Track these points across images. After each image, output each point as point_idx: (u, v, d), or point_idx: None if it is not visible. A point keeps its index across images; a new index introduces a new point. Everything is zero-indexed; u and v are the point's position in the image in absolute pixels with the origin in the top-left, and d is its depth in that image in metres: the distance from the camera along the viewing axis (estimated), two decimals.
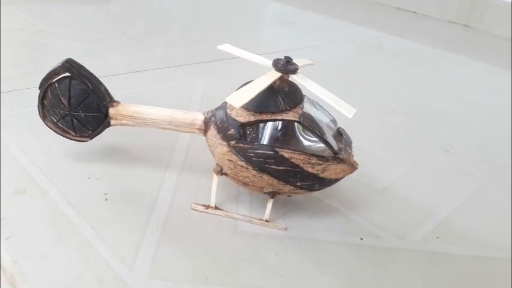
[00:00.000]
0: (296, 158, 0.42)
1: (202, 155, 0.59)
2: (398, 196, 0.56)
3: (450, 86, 1.02)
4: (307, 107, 0.45)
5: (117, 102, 0.49)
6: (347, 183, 0.56)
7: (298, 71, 0.44)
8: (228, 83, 0.76)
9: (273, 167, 0.43)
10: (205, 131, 0.48)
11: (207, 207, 0.48)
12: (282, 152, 0.42)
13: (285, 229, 0.47)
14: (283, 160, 0.42)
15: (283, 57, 0.43)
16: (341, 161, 0.44)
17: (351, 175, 0.46)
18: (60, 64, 0.46)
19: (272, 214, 0.48)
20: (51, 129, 0.50)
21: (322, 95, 0.42)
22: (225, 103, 0.47)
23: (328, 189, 0.54)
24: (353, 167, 0.46)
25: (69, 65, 0.46)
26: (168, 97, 0.74)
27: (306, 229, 0.48)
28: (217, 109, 0.47)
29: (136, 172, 0.53)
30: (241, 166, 0.44)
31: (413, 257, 0.46)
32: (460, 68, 1.19)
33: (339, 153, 0.44)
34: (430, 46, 1.35)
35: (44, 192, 0.48)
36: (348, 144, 0.47)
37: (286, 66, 0.43)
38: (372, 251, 0.46)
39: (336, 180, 0.46)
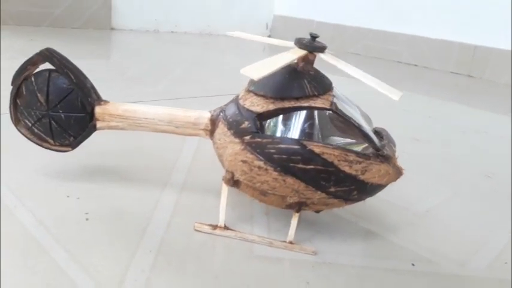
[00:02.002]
0: (329, 153, 0.33)
1: (207, 175, 0.50)
2: (443, 220, 0.47)
3: (464, 124, 0.95)
4: (337, 99, 0.37)
5: (105, 101, 0.40)
6: (382, 205, 0.47)
7: (326, 50, 0.36)
8: None
9: (300, 165, 0.34)
10: (211, 131, 0.39)
11: (215, 227, 0.38)
12: (311, 146, 0.33)
13: (315, 253, 0.37)
14: (313, 156, 0.33)
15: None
16: (385, 159, 0.35)
17: (385, 196, 0.37)
18: (38, 52, 0.38)
19: (296, 236, 0.38)
20: (26, 136, 0.41)
21: (361, 77, 0.34)
22: (236, 96, 0.39)
23: (361, 210, 0.45)
24: (399, 171, 0.37)
25: (49, 53, 0.38)
26: None
27: (341, 253, 0.38)
28: (226, 104, 0.39)
29: (126, 192, 0.44)
30: (259, 167, 0.34)
31: (480, 284, 0.36)
32: (470, 115, 1.14)
33: (382, 149, 0.35)
34: (436, 96, 1.31)
35: (9, 210, 0.38)
36: (392, 142, 0.38)
37: (312, 43, 0.35)
38: (427, 278, 0.36)
39: (378, 187, 0.36)
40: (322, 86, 0.35)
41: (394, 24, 1.91)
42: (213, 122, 0.39)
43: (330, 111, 0.35)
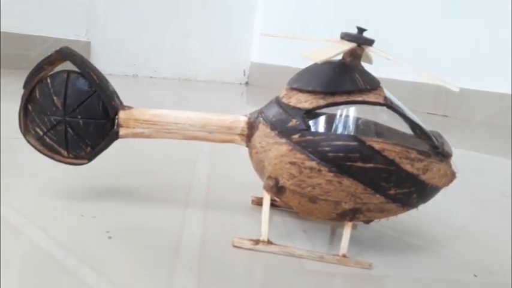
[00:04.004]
0: (390, 150, 0.31)
1: (228, 193, 0.46)
2: (483, 233, 0.44)
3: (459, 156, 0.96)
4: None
5: (128, 106, 0.37)
6: (418, 221, 0.44)
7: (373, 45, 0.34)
8: None
9: (359, 164, 0.30)
10: (248, 136, 0.36)
11: (257, 242, 0.34)
12: (370, 142, 0.31)
13: (371, 267, 0.33)
14: (373, 154, 0.30)
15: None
16: (444, 157, 0.33)
17: (417, 213, 0.35)
18: (57, 50, 0.35)
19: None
20: (35, 148, 0.36)
21: (416, 70, 0.32)
22: (276, 97, 0.36)
23: (401, 226, 0.42)
24: (453, 174, 0.34)
25: (69, 51, 0.35)
26: (171, 152, 0.62)
27: (398, 267, 0.34)
28: (266, 106, 0.36)
29: (146, 210, 0.39)
30: (311, 168, 0.31)
31: None
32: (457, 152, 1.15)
33: (441, 147, 0.33)
34: None
35: (17, 230, 0.32)
36: (447, 143, 0.36)
37: (361, 36, 0.33)
38: None
39: (436, 190, 0.34)
40: (373, 80, 0.33)
41: (370, 68, 1.97)
42: (251, 125, 0.35)
43: (384, 107, 0.33)
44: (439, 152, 0.32)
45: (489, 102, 1.65)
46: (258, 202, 0.43)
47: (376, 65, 0.40)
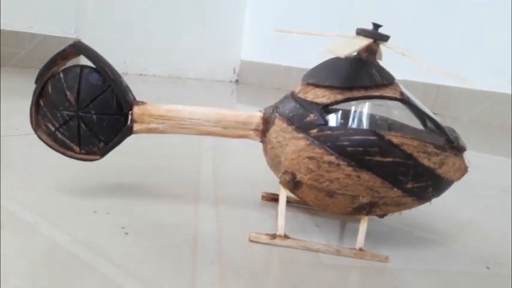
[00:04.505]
0: (408, 144, 0.31)
1: (236, 188, 0.46)
2: (490, 227, 0.45)
3: None
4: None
5: (142, 101, 0.36)
6: (426, 215, 0.44)
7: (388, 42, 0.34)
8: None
9: (378, 158, 0.31)
10: (263, 131, 0.36)
11: (273, 236, 0.34)
12: (388, 137, 0.31)
13: (388, 260, 0.33)
14: (392, 148, 0.31)
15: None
16: (459, 152, 0.33)
17: (424, 208, 0.36)
18: (71, 44, 0.34)
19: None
20: (46, 143, 0.36)
21: (431, 66, 0.32)
22: (291, 92, 0.36)
23: (410, 220, 0.42)
24: (466, 168, 0.35)
25: (82, 45, 0.34)
26: (173, 149, 0.61)
27: (413, 260, 0.34)
28: (280, 101, 0.36)
29: (159, 206, 0.39)
30: (329, 163, 0.31)
31: None
32: None
33: (456, 142, 0.33)
34: None
35: (31, 227, 0.32)
36: (461, 138, 0.36)
37: (377, 32, 0.33)
38: (507, 280, 0.33)
39: (450, 183, 0.34)
40: (389, 76, 0.34)
41: None
42: (266, 120, 0.35)
43: (400, 102, 0.33)
44: (454, 146, 0.33)
45: (477, 100, 1.68)
46: (268, 198, 0.43)
47: None
